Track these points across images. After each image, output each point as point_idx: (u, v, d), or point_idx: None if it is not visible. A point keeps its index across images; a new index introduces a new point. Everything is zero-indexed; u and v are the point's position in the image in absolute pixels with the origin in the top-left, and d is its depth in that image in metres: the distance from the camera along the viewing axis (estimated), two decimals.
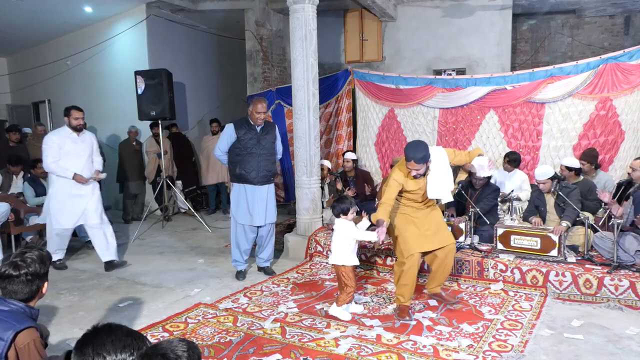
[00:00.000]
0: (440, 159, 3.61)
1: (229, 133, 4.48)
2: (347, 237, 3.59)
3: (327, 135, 7.04)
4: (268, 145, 4.54)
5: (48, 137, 4.86)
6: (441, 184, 3.62)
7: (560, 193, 4.49)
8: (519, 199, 5.26)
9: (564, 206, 4.46)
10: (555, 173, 4.69)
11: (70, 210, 4.87)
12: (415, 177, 3.55)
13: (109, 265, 4.97)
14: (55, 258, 4.88)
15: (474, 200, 4.81)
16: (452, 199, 3.74)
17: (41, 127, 7.40)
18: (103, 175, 5.09)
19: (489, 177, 4.98)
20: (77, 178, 4.79)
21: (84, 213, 4.92)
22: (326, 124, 6.98)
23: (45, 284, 2.20)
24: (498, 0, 7.35)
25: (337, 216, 3.64)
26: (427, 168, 3.57)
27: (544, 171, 4.63)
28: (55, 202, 4.87)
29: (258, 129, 4.50)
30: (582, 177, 4.88)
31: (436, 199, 3.80)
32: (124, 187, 7.64)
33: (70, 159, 4.81)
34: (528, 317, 3.52)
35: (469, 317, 3.53)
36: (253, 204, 4.50)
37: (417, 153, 3.41)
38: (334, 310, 3.61)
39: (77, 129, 4.84)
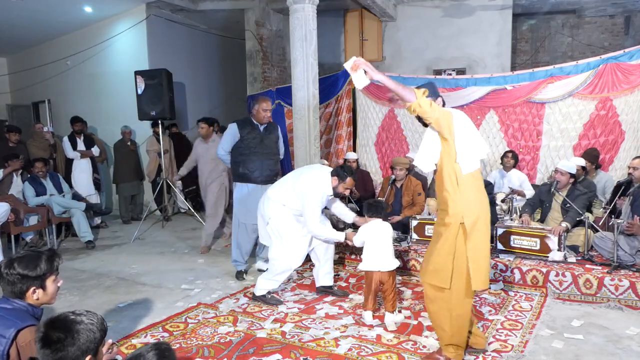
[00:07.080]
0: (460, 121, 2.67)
1: (232, 132, 4.47)
2: (390, 238, 3.56)
3: (327, 135, 7.04)
4: (271, 144, 4.53)
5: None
6: (427, 149, 2.75)
7: (559, 193, 4.48)
8: (523, 195, 5.22)
9: (568, 208, 4.45)
10: (573, 173, 4.56)
11: None
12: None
13: None
14: None
15: None
16: (429, 169, 2.82)
17: (39, 125, 7.39)
18: None
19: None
20: None
21: None
22: (326, 124, 6.97)
23: (34, 289, 2.14)
24: (498, 0, 7.35)
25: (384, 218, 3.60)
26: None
27: (567, 164, 4.55)
28: None
29: (261, 128, 4.49)
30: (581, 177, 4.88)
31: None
32: (119, 188, 7.62)
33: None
34: (528, 317, 3.52)
35: None
36: (258, 202, 4.48)
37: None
38: (389, 318, 3.44)
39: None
